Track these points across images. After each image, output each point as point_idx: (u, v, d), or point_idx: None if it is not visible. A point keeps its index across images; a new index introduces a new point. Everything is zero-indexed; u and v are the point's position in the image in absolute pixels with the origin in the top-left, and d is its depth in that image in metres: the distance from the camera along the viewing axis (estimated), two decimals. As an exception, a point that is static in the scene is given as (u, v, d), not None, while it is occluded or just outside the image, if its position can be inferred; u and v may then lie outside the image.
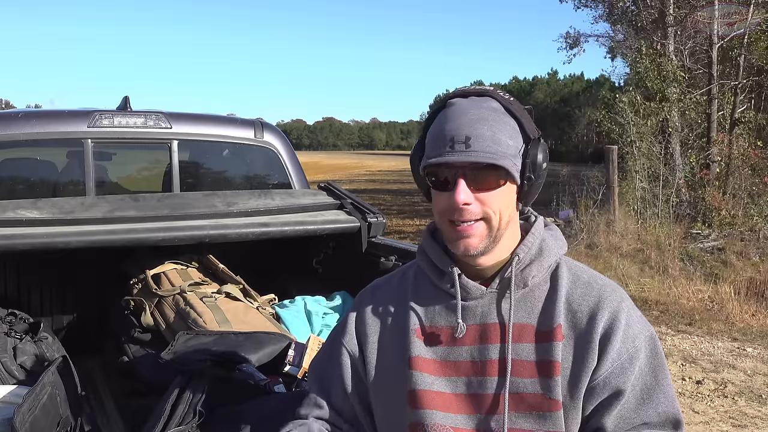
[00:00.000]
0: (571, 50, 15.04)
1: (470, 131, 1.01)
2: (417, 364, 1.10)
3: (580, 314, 1.07)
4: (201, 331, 2.04)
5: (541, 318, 1.08)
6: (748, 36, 10.96)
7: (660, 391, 1.06)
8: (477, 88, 1.08)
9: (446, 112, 1.06)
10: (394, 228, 11.56)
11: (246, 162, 3.23)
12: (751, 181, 10.31)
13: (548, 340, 1.06)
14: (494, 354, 1.07)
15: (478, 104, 1.05)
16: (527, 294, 1.10)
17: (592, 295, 1.08)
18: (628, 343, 1.05)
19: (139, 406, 1.92)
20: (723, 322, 5.85)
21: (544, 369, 1.05)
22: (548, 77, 64.79)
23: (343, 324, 1.22)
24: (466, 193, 1.02)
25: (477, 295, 1.10)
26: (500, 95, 1.07)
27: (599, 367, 1.04)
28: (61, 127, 2.73)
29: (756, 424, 3.77)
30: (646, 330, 1.08)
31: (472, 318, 1.10)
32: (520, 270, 1.10)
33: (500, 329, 1.08)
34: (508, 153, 1.03)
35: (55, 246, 2.14)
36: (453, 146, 1.01)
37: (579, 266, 1.15)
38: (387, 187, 22.93)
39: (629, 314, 1.08)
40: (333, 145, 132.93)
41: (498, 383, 1.06)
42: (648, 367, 1.06)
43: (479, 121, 1.02)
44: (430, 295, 1.14)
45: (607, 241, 8.34)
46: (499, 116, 1.05)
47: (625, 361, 1.05)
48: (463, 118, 1.03)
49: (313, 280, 2.82)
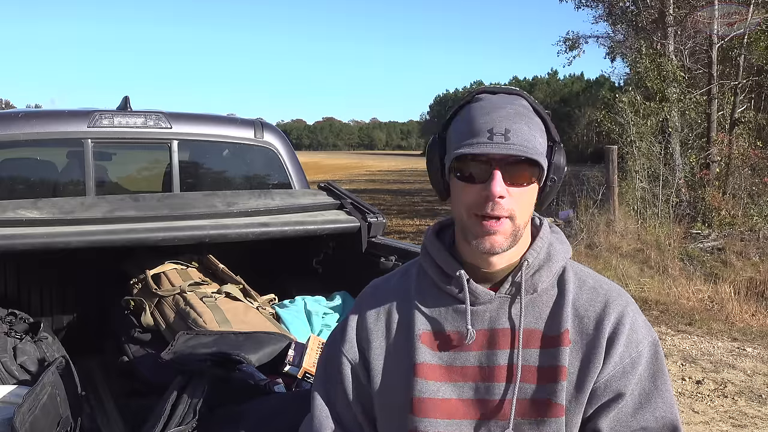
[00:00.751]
0: (570, 52, 15.03)
1: (510, 125, 1.00)
2: (422, 371, 1.08)
3: (587, 319, 1.07)
4: (201, 331, 2.04)
5: (548, 323, 1.08)
6: (748, 36, 10.95)
7: (659, 396, 1.06)
8: (505, 87, 1.08)
9: (476, 106, 1.04)
10: (394, 228, 11.56)
11: (246, 162, 3.23)
12: (751, 181, 10.31)
13: (556, 345, 1.06)
14: (503, 360, 1.07)
15: (511, 101, 1.05)
16: (535, 299, 1.09)
17: (598, 300, 1.08)
18: (631, 348, 1.06)
19: (139, 406, 1.92)
20: (723, 322, 5.85)
21: (551, 374, 1.05)
22: (548, 77, 64.87)
23: (342, 330, 1.18)
24: (502, 186, 1.00)
25: (485, 300, 1.09)
26: (528, 96, 1.08)
27: (602, 370, 1.05)
28: (61, 127, 2.73)
29: (756, 424, 3.77)
30: (649, 336, 1.09)
31: (480, 323, 1.08)
32: (530, 275, 1.09)
33: (509, 335, 1.07)
34: (540, 151, 1.04)
35: (55, 246, 2.14)
36: (492, 137, 0.99)
37: (584, 270, 1.14)
38: (387, 187, 22.93)
39: (634, 319, 1.08)
40: (333, 145, 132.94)
41: (506, 389, 1.06)
42: (648, 372, 1.07)
43: (517, 116, 1.02)
44: (435, 298, 1.12)
45: (607, 241, 8.34)
46: (531, 114, 1.05)
47: (627, 365, 1.05)
48: (501, 111, 1.02)
49: (313, 280, 2.82)
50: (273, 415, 1.54)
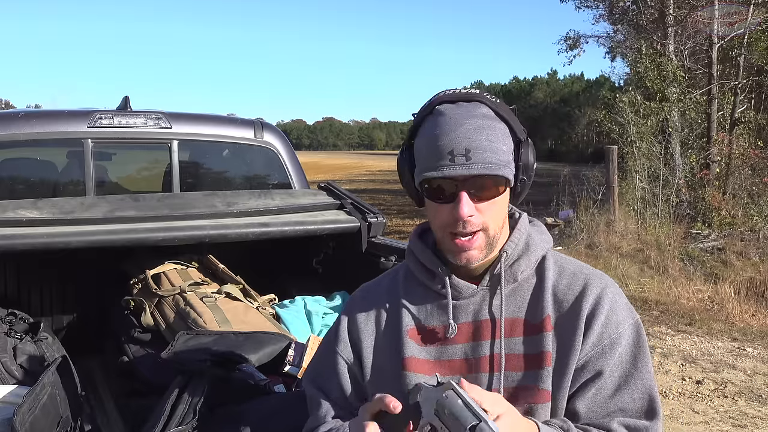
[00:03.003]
0: (570, 51, 15.05)
1: (469, 143, 1.00)
2: (411, 365, 1.11)
3: (566, 303, 1.09)
4: (201, 331, 2.04)
5: (530, 311, 1.09)
6: (748, 36, 10.96)
7: (639, 378, 1.06)
8: (464, 93, 1.06)
9: (437, 120, 1.04)
10: (394, 228, 11.57)
11: (246, 162, 3.23)
12: (751, 181, 10.31)
13: (538, 332, 1.08)
14: (487, 350, 1.09)
15: (470, 112, 1.03)
16: (516, 288, 1.11)
17: (578, 283, 1.10)
18: (611, 329, 1.07)
19: (139, 406, 1.92)
20: (723, 322, 5.85)
21: (536, 361, 1.07)
22: (548, 77, 64.82)
23: (335, 331, 1.21)
24: (470, 206, 1.02)
25: (468, 294, 1.11)
26: (488, 99, 1.06)
27: (581, 350, 1.06)
28: (61, 127, 2.73)
29: (756, 424, 3.77)
30: (630, 317, 1.09)
31: (465, 316, 1.11)
32: (509, 265, 1.11)
33: (492, 325, 1.09)
34: (504, 160, 1.04)
35: (55, 246, 2.15)
36: (453, 159, 1.00)
37: (566, 258, 1.16)
38: (387, 187, 22.91)
39: (614, 300, 1.09)
40: (333, 145, 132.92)
41: (492, 378, 1.08)
42: (629, 354, 1.07)
43: (477, 131, 1.01)
44: (421, 296, 1.15)
45: (607, 241, 8.34)
46: (491, 123, 1.04)
47: (606, 345, 1.06)
48: (460, 129, 1.01)
49: (313, 280, 2.82)
50: (273, 415, 1.54)
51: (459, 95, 1.06)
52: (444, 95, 1.07)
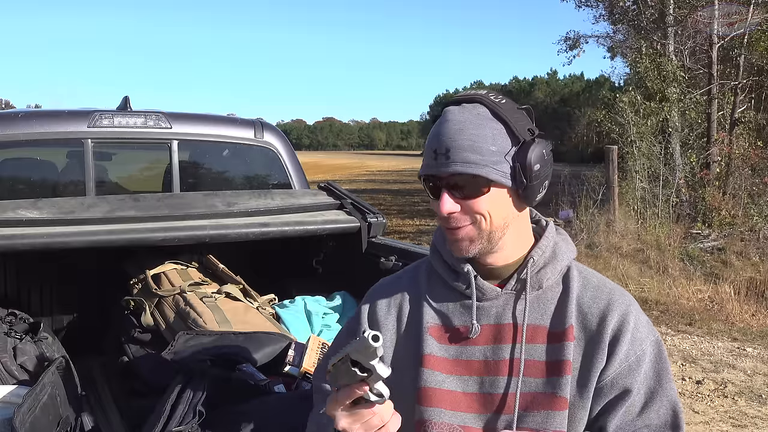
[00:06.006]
0: (570, 51, 15.03)
1: (450, 142, 1.04)
2: (429, 362, 1.11)
3: (591, 316, 1.09)
4: (201, 331, 2.04)
5: (553, 319, 1.10)
6: (748, 36, 10.96)
7: (663, 394, 1.08)
8: (467, 94, 1.09)
9: (438, 121, 1.08)
10: (394, 228, 11.56)
11: (246, 162, 3.23)
12: (751, 181, 10.30)
13: (560, 340, 1.08)
14: (507, 354, 1.09)
15: (465, 113, 1.06)
16: (540, 296, 1.12)
17: (602, 298, 1.11)
18: (635, 346, 1.08)
19: (139, 406, 1.92)
20: (723, 322, 5.85)
21: (556, 368, 1.07)
22: (548, 77, 64.76)
23: (356, 317, 1.22)
24: (450, 203, 1.05)
25: (492, 296, 1.12)
26: (488, 99, 1.07)
27: (607, 368, 1.06)
28: (61, 127, 2.73)
29: (756, 424, 3.77)
30: (652, 335, 1.11)
31: (486, 318, 1.11)
32: (536, 272, 1.12)
33: (514, 330, 1.10)
34: (490, 160, 1.04)
35: (55, 246, 2.15)
36: (436, 158, 1.05)
37: (588, 270, 1.17)
38: (387, 187, 22.92)
39: (637, 318, 1.10)
40: (333, 145, 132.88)
41: (510, 383, 1.08)
42: (653, 371, 1.09)
43: (459, 132, 1.04)
44: (444, 294, 1.16)
45: (607, 241, 8.34)
46: (483, 122, 1.05)
47: (633, 362, 1.07)
48: (446, 129, 1.05)
49: (313, 280, 2.82)
50: (273, 415, 1.54)
51: (462, 97, 1.09)
52: (453, 97, 1.11)
